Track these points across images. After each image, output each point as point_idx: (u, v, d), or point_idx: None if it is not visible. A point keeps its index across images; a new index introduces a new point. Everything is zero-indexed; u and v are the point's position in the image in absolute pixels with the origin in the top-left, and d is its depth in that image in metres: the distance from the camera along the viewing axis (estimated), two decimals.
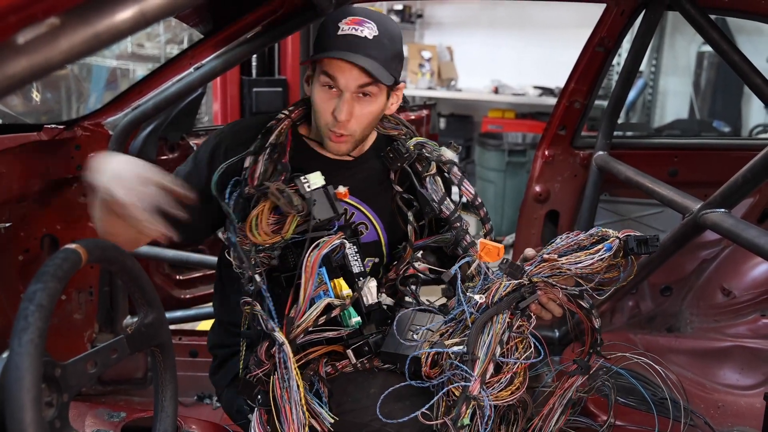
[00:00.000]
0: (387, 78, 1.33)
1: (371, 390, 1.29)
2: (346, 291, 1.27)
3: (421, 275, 1.50)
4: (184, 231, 1.41)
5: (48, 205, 1.81)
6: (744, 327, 2.31)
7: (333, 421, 1.24)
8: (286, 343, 1.22)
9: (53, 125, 1.75)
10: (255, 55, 3.59)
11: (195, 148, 2.20)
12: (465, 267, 1.37)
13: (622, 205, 2.37)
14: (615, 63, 3.60)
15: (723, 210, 1.54)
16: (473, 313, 1.22)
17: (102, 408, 1.54)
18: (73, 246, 0.92)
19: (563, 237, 1.25)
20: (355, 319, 1.27)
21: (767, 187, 2.27)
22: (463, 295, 1.26)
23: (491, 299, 1.22)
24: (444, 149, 1.48)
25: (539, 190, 2.35)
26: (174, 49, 4.47)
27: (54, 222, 1.80)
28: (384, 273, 1.49)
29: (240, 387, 1.32)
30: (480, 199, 1.49)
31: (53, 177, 1.78)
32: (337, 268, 1.29)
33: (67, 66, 0.63)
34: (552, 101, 4.69)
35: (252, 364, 1.29)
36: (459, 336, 1.22)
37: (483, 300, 1.23)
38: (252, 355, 1.30)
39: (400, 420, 1.19)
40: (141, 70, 4.41)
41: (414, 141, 1.47)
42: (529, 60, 5.34)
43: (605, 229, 1.22)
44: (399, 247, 1.48)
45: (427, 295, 1.48)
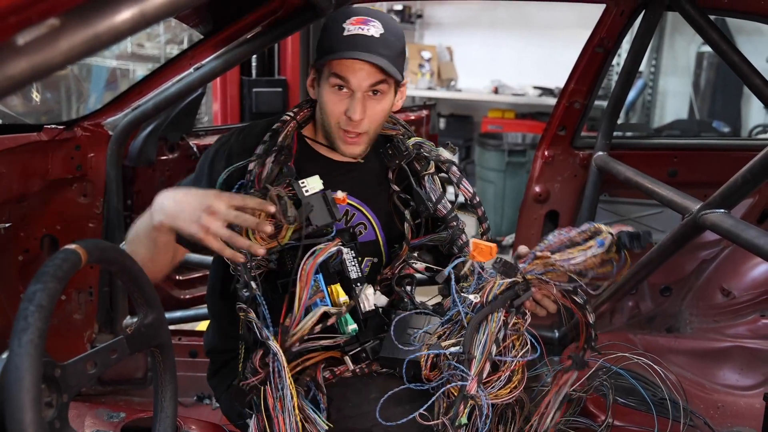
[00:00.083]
0: (396, 72, 1.34)
1: (371, 395, 1.27)
2: (343, 298, 1.26)
3: (417, 274, 1.50)
4: (201, 246, 1.42)
5: (48, 206, 1.81)
6: (743, 327, 2.31)
7: (327, 428, 1.22)
8: (280, 353, 1.20)
9: (53, 125, 1.75)
10: (255, 56, 3.59)
11: (195, 148, 2.20)
12: (459, 267, 1.37)
13: (621, 206, 2.37)
14: (615, 63, 3.60)
15: (722, 210, 1.54)
16: (468, 313, 1.22)
17: (102, 408, 1.54)
18: (73, 246, 0.92)
19: (555, 234, 1.24)
20: (352, 327, 1.26)
21: (767, 188, 2.27)
22: (458, 296, 1.25)
23: (486, 298, 1.22)
24: (441, 150, 1.48)
25: (539, 190, 2.35)
26: (174, 50, 4.47)
27: (54, 222, 1.80)
28: (382, 272, 1.49)
29: (233, 394, 1.31)
30: (478, 198, 1.49)
31: (53, 177, 1.78)
32: (335, 273, 1.28)
33: (67, 66, 0.63)
34: (552, 101, 4.69)
35: (248, 371, 1.28)
36: (456, 337, 1.22)
37: (477, 300, 1.22)
38: (248, 363, 1.29)
39: (399, 422, 1.18)
40: (141, 70, 4.41)
41: (412, 141, 1.48)
42: (529, 60, 5.34)
43: (598, 225, 1.22)
44: (396, 246, 1.48)
45: (422, 296, 1.48)
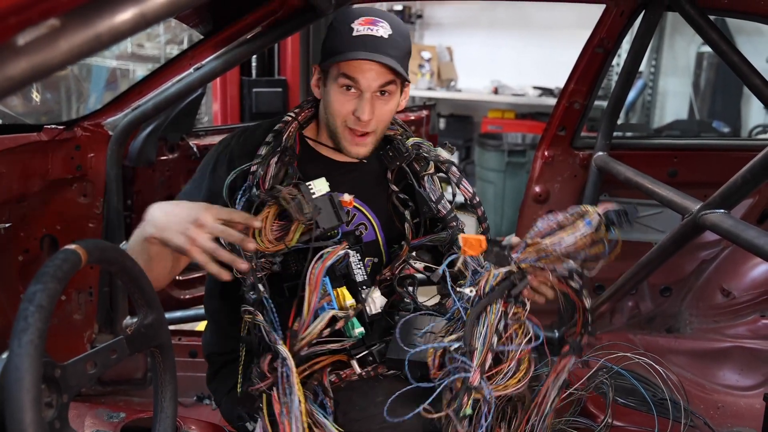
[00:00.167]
0: (406, 75, 1.35)
1: (378, 398, 1.27)
2: (349, 301, 1.26)
3: (418, 274, 1.50)
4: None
5: (48, 206, 1.81)
6: (743, 327, 2.31)
7: None
8: (289, 358, 1.20)
9: (53, 126, 1.75)
10: (255, 56, 3.59)
11: (195, 148, 2.20)
12: (454, 263, 1.37)
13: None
14: (615, 63, 3.61)
15: (722, 211, 1.54)
16: (467, 308, 1.22)
17: (101, 408, 1.54)
18: (73, 247, 0.92)
19: (544, 219, 1.24)
20: (359, 330, 1.26)
21: (767, 188, 2.27)
22: (454, 292, 1.25)
23: (482, 290, 1.22)
24: (439, 150, 1.48)
25: (539, 190, 2.35)
26: (174, 50, 4.46)
27: (54, 222, 1.80)
28: (382, 273, 1.49)
29: (241, 398, 1.30)
30: (478, 198, 1.49)
31: (53, 177, 1.78)
32: (341, 276, 1.28)
33: (67, 67, 0.64)
34: (552, 102, 4.69)
35: (254, 376, 1.27)
36: (459, 333, 1.22)
37: (474, 293, 1.23)
38: (254, 367, 1.28)
39: (404, 418, 1.17)
40: (141, 70, 4.40)
41: (411, 141, 1.48)
42: (529, 60, 5.34)
43: (584, 206, 1.22)
44: (395, 246, 1.48)
45: (422, 296, 1.48)
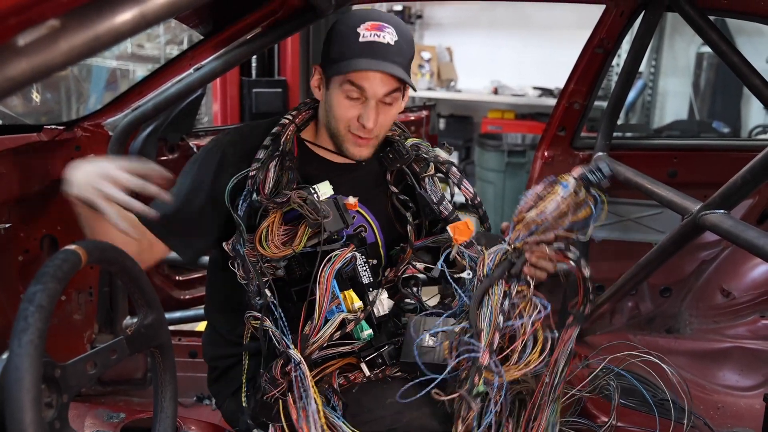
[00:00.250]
0: (412, 83, 1.34)
1: (387, 400, 1.28)
2: (357, 304, 1.26)
3: (421, 275, 1.50)
4: (189, 250, 1.41)
5: (48, 206, 1.81)
6: (743, 328, 2.31)
7: None
8: (302, 362, 1.21)
9: (53, 126, 1.75)
10: (255, 56, 3.59)
11: (195, 148, 2.20)
12: (453, 261, 1.38)
13: (621, 206, 2.37)
14: (614, 64, 3.60)
15: (722, 211, 1.54)
16: (471, 295, 1.24)
17: (101, 409, 1.54)
18: (73, 247, 0.92)
19: (523, 196, 1.26)
20: (367, 332, 1.26)
21: (767, 188, 2.27)
22: (455, 282, 1.27)
23: (481, 273, 1.23)
24: (438, 150, 1.48)
25: None
26: (174, 50, 4.46)
27: (54, 223, 1.79)
28: (382, 274, 1.49)
29: (258, 408, 1.30)
30: (479, 199, 1.49)
31: (53, 177, 1.78)
32: (347, 279, 1.29)
33: (68, 67, 0.64)
34: (551, 102, 4.69)
35: (266, 383, 1.27)
36: (467, 321, 1.23)
37: (472, 275, 1.24)
38: (264, 374, 1.28)
39: (412, 398, 1.19)
40: (141, 70, 4.40)
41: (410, 142, 1.48)
42: (529, 61, 5.34)
43: (559, 174, 1.24)
44: (396, 248, 1.48)
45: (427, 296, 1.48)
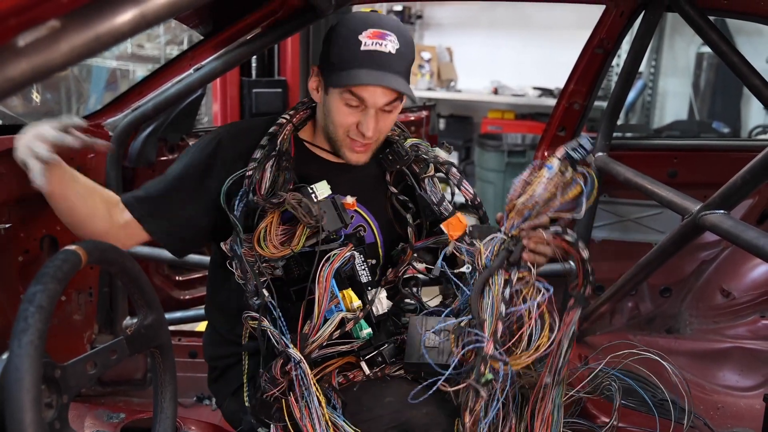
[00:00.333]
0: (412, 93, 1.34)
1: (386, 399, 1.28)
2: (356, 303, 1.26)
3: (422, 276, 1.50)
4: (169, 237, 1.40)
5: (48, 207, 1.81)
6: (743, 328, 2.31)
7: None
8: (303, 361, 1.21)
9: None
10: (255, 56, 3.59)
11: None
12: (453, 257, 1.38)
13: (621, 207, 2.37)
14: (614, 64, 3.60)
15: (722, 211, 1.54)
16: (473, 287, 1.24)
17: (101, 409, 1.54)
18: (73, 247, 0.92)
19: (512, 185, 1.27)
20: (366, 331, 1.27)
21: (766, 189, 2.27)
22: (456, 278, 1.28)
23: (480, 265, 1.24)
24: (437, 150, 1.47)
25: None
26: (174, 50, 4.46)
27: (54, 223, 1.79)
28: (381, 275, 1.49)
29: (257, 407, 1.30)
30: (479, 199, 1.49)
31: None
32: (346, 279, 1.29)
33: (68, 68, 0.64)
34: (551, 102, 4.70)
35: (266, 382, 1.27)
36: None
37: (471, 268, 1.25)
38: (264, 373, 1.28)
39: (417, 388, 1.20)
40: (141, 71, 4.40)
41: (409, 142, 1.47)
42: (529, 61, 5.35)
43: (547, 158, 1.25)
44: (397, 249, 1.48)
45: (428, 296, 1.48)
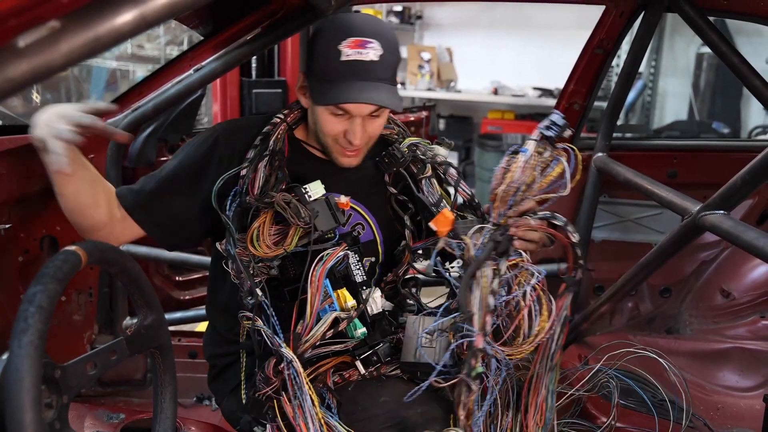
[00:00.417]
0: (397, 99, 1.31)
1: (381, 398, 1.28)
2: (350, 302, 1.26)
3: (421, 276, 1.50)
4: (159, 230, 1.39)
5: (48, 207, 1.81)
6: (743, 328, 2.31)
7: None
8: (295, 360, 1.21)
9: None
10: (255, 57, 3.59)
11: None
12: (445, 254, 1.38)
13: (621, 207, 2.37)
14: (614, 64, 3.60)
15: (722, 212, 1.54)
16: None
17: (101, 409, 1.54)
18: (73, 248, 0.92)
19: (493, 175, 1.28)
20: (361, 330, 1.26)
21: (766, 189, 2.27)
22: (448, 274, 1.29)
23: (469, 258, 1.24)
24: (436, 147, 1.47)
25: None
26: (174, 51, 4.46)
27: (54, 223, 1.79)
28: (380, 273, 1.49)
29: (249, 405, 1.30)
30: (477, 200, 1.49)
31: None
32: (340, 278, 1.29)
33: (68, 68, 0.64)
34: (551, 102, 4.70)
35: (259, 381, 1.27)
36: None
37: (461, 264, 1.26)
38: (258, 372, 1.28)
39: (413, 397, 1.20)
40: (141, 71, 4.40)
41: (407, 142, 1.46)
42: (529, 61, 5.35)
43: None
44: (399, 248, 1.48)
45: (427, 297, 1.48)
